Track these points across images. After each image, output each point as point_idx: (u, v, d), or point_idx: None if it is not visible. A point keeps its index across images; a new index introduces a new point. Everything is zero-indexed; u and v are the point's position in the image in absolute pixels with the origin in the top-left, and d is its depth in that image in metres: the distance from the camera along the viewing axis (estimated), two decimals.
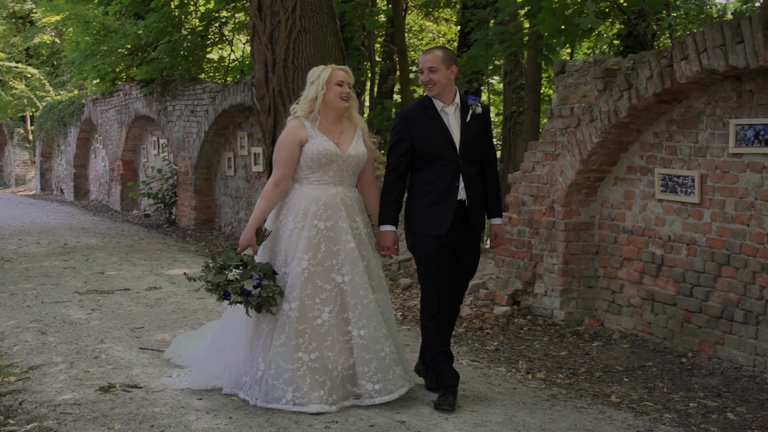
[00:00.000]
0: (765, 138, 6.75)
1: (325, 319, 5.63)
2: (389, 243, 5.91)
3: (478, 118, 5.92)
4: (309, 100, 5.82)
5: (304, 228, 5.69)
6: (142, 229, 17.53)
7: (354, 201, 5.88)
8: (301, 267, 5.65)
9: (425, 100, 5.90)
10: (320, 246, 5.68)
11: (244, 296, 5.52)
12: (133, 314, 8.73)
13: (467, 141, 5.83)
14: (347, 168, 5.83)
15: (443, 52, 5.90)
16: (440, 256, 5.80)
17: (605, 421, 5.70)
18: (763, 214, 6.82)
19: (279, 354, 5.58)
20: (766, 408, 6.09)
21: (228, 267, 5.55)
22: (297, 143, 5.75)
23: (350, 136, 5.89)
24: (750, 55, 6.43)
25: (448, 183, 5.78)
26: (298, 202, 5.76)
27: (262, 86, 13.13)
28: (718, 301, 7.22)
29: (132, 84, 19.97)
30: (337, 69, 5.88)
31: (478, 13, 15.77)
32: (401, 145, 5.83)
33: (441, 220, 5.76)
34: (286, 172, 5.76)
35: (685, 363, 7.24)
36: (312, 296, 5.64)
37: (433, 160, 5.79)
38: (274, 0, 12.78)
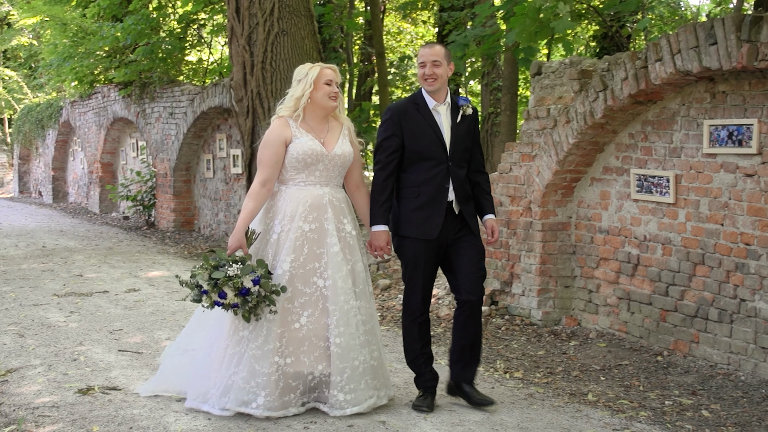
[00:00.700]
0: (738, 138, 6.80)
1: (302, 323, 5.49)
2: (382, 243, 5.74)
3: (468, 119, 5.82)
4: (295, 99, 5.66)
5: (291, 231, 5.55)
6: (121, 231, 17.45)
7: (342, 202, 5.74)
8: (282, 269, 5.50)
9: (417, 97, 5.77)
10: (303, 248, 5.53)
11: (242, 296, 5.29)
12: (112, 316, 8.68)
13: (457, 142, 5.73)
14: (333, 168, 5.69)
15: (444, 48, 5.78)
16: (427, 261, 5.70)
17: (582, 420, 5.73)
18: (737, 213, 6.87)
19: (254, 357, 5.42)
20: (740, 405, 6.13)
21: (225, 265, 5.36)
22: (282, 143, 5.60)
23: (336, 135, 5.75)
24: (723, 56, 6.47)
25: (438, 184, 5.66)
26: (284, 205, 5.61)
27: (241, 88, 13.12)
28: (693, 300, 7.26)
29: (110, 86, 19.87)
30: (326, 68, 5.72)
31: (455, 15, 15.80)
32: (391, 141, 5.69)
33: (431, 223, 5.64)
34: (272, 172, 5.60)
35: (661, 361, 7.28)
36: (291, 299, 5.49)
37: (421, 159, 5.67)
38: (252, 2, 12.78)
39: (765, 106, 6.60)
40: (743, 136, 6.76)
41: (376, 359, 5.67)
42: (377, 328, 5.80)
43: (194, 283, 5.38)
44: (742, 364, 6.82)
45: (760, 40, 6.19)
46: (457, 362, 5.83)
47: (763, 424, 5.75)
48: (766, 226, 6.63)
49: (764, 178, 6.64)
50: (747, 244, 6.79)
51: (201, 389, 5.60)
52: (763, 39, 6.16)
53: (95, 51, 19.04)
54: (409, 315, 5.80)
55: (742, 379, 6.68)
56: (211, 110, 15.75)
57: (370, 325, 5.68)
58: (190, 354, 5.86)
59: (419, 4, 20.41)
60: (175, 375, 5.90)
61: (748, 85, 6.71)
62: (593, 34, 17.31)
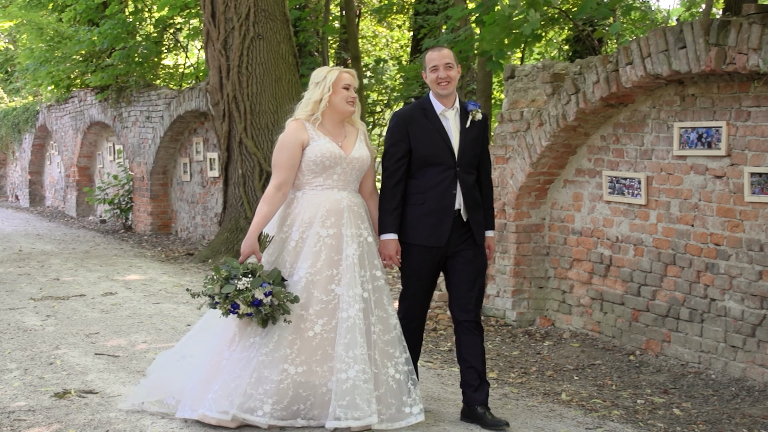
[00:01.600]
0: (707, 141, 6.85)
1: (317, 331, 5.20)
2: (392, 252, 5.47)
3: (477, 124, 5.57)
4: (313, 102, 5.42)
5: (308, 237, 5.31)
6: (98, 234, 17.33)
7: (360, 207, 5.48)
8: (298, 275, 5.27)
9: (425, 102, 5.57)
10: (320, 254, 5.28)
11: (255, 306, 5.09)
12: (89, 320, 8.62)
13: (466, 147, 5.50)
14: (351, 171, 5.45)
15: (451, 51, 5.57)
16: (429, 270, 5.52)
17: (555, 419, 5.74)
18: (707, 214, 6.92)
19: (263, 363, 5.15)
20: (710, 403, 6.18)
21: (235, 277, 5.14)
22: (298, 145, 5.37)
23: (353, 139, 5.52)
24: (692, 60, 6.52)
25: (445, 190, 5.44)
26: (302, 211, 5.37)
27: (217, 92, 13.09)
28: (664, 300, 7.31)
29: (87, 90, 19.75)
30: (344, 72, 5.49)
31: (430, 20, 15.83)
32: (398, 147, 5.48)
33: (438, 230, 5.44)
34: (288, 176, 5.37)
35: (633, 361, 7.31)
36: (306, 306, 5.22)
37: (429, 165, 5.45)
38: (228, 7, 12.75)
39: (733, 109, 6.66)
40: (712, 139, 6.81)
41: (401, 372, 5.28)
42: (400, 340, 5.35)
43: (207, 295, 5.22)
44: (712, 362, 6.86)
45: (727, 44, 6.24)
46: (466, 386, 5.54)
47: (733, 421, 5.79)
48: (735, 226, 6.68)
49: (733, 180, 6.69)
50: (717, 245, 6.84)
51: (199, 395, 5.29)
52: (731, 43, 6.21)
53: (72, 55, 18.92)
54: (403, 317, 5.54)
55: (713, 377, 6.73)
56: (188, 114, 15.70)
57: (391, 336, 5.32)
58: (188, 361, 5.58)
59: (394, 8, 20.43)
60: (170, 381, 5.60)
61: (717, 88, 6.76)
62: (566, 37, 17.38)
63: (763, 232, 6.49)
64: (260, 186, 12.72)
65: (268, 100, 12.81)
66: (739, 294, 6.67)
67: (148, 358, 7.09)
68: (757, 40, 6.03)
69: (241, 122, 12.81)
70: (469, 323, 5.50)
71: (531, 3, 9.25)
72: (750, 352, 6.58)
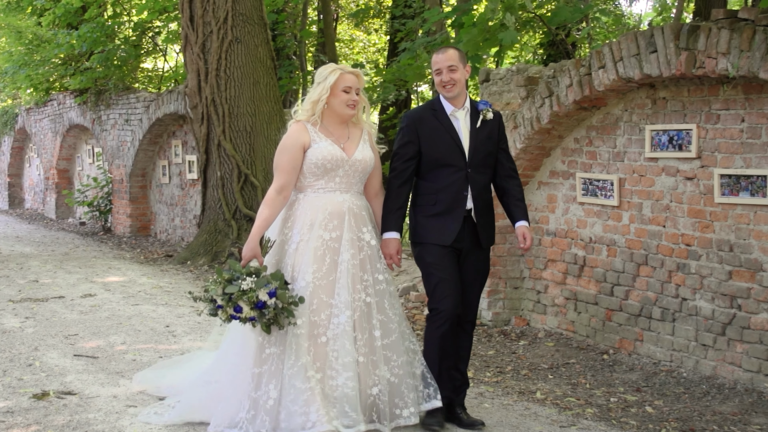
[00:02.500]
0: (678, 143, 6.89)
1: (330, 336, 5.09)
2: (392, 251, 5.34)
3: (489, 123, 5.46)
4: (311, 103, 5.27)
5: (311, 240, 5.17)
6: (78, 237, 17.22)
7: (362, 210, 5.34)
8: (305, 281, 5.12)
9: (435, 103, 5.47)
10: (325, 258, 5.15)
11: (258, 309, 4.92)
12: (68, 321, 8.56)
13: (477, 148, 5.38)
14: (354, 174, 5.29)
15: (457, 51, 5.44)
16: (446, 263, 5.33)
17: (530, 417, 5.76)
18: (678, 215, 6.96)
19: (292, 375, 5.01)
20: (682, 401, 6.21)
21: (239, 278, 4.97)
22: (300, 147, 5.21)
23: (356, 140, 5.34)
24: (663, 64, 6.56)
25: (456, 191, 5.34)
26: (303, 213, 5.24)
27: (195, 95, 13.05)
28: (637, 300, 7.35)
29: (66, 93, 19.63)
30: (347, 73, 5.27)
31: (407, 23, 15.84)
32: (408, 148, 5.37)
33: (447, 229, 5.33)
34: (289, 178, 5.22)
35: (607, 359, 7.35)
36: (317, 312, 5.10)
37: (439, 166, 5.35)
38: (206, 11, 12.73)
39: (703, 112, 6.70)
40: (683, 141, 6.86)
41: (397, 376, 5.19)
42: (398, 344, 5.24)
43: (208, 298, 5.04)
44: (684, 361, 6.91)
45: (697, 48, 6.28)
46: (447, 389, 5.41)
47: (704, 418, 5.83)
48: (705, 227, 6.73)
49: (703, 181, 6.74)
50: (688, 245, 6.89)
51: (227, 416, 5.14)
52: (701, 47, 6.26)
53: (50, 58, 18.81)
54: (435, 322, 5.30)
55: (684, 375, 6.77)
56: (167, 117, 15.64)
57: (391, 340, 5.20)
58: (214, 386, 5.37)
59: (371, 12, 20.45)
60: (200, 409, 5.37)
61: (687, 91, 6.81)
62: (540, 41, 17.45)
63: (732, 232, 6.55)
64: (238, 188, 12.70)
65: (246, 103, 12.78)
66: (710, 293, 6.71)
67: (126, 359, 7.06)
68: (726, 44, 6.08)
69: (220, 125, 12.77)
70: (466, 324, 5.48)
71: (508, 7, 9.29)
72: (720, 351, 6.63)
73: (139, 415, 5.52)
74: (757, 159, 6.35)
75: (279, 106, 13.32)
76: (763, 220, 6.33)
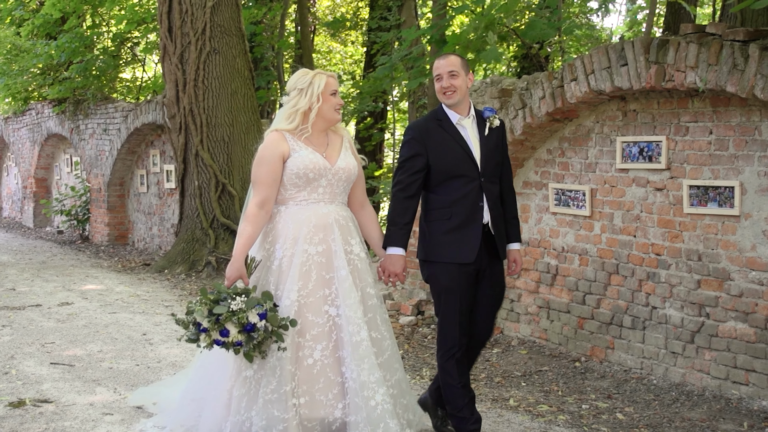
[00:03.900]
0: (648, 154, 6.95)
1: (316, 358, 4.73)
2: (398, 269, 4.99)
3: (496, 131, 5.17)
4: (301, 113, 4.91)
5: (295, 255, 4.82)
6: (55, 245, 17.09)
7: (348, 221, 5.01)
8: (290, 299, 4.76)
9: (439, 112, 5.11)
10: (311, 274, 4.80)
11: (246, 332, 4.55)
12: (45, 329, 8.49)
13: (488, 156, 5.06)
14: (338, 183, 4.96)
15: (460, 57, 5.14)
16: (463, 288, 4.99)
17: (503, 424, 5.77)
18: (648, 225, 7.01)
19: (270, 402, 4.69)
20: (652, 408, 6.25)
21: (226, 298, 4.61)
22: (278, 158, 4.86)
23: (337, 148, 5.01)
24: (633, 77, 6.62)
25: (472, 203, 4.99)
26: (285, 227, 4.89)
27: (173, 105, 13.01)
28: (608, 308, 7.38)
29: (44, 103, 19.50)
30: (330, 76, 4.97)
31: (382, 36, 15.88)
32: (416, 161, 4.98)
33: (466, 245, 4.96)
34: (270, 192, 4.86)
35: (579, 367, 7.37)
36: (302, 332, 4.74)
37: (450, 178, 4.99)
38: (184, 22, 12.70)
39: (672, 124, 6.76)
40: (653, 152, 6.91)
41: (391, 396, 4.85)
42: (395, 362, 4.99)
43: (191, 321, 4.65)
44: (654, 368, 6.95)
45: (666, 61, 6.34)
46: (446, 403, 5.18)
47: (673, 425, 5.87)
48: (675, 237, 6.78)
49: (673, 192, 6.79)
50: (657, 255, 6.93)
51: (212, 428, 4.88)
52: (670, 61, 6.31)
53: (29, 68, 18.69)
54: (446, 352, 5.05)
55: (654, 382, 6.81)
56: (145, 126, 15.57)
57: (384, 358, 4.90)
58: (198, 403, 5.11)
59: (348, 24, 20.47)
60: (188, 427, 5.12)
61: (657, 104, 6.86)
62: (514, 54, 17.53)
63: (701, 242, 6.60)
64: (216, 197, 12.67)
65: (224, 113, 12.76)
66: (679, 302, 6.76)
67: (103, 367, 7.01)
68: (694, 58, 6.14)
69: (198, 135, 12.73)
70: (483, 342, 5.27)
71: (489, 25, 9.34)
72: (689, 358, 6.68)
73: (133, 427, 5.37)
74: (725, 170, 6.40)
75: (256, 116, 13.32)
76: (730, 230, 6.39)
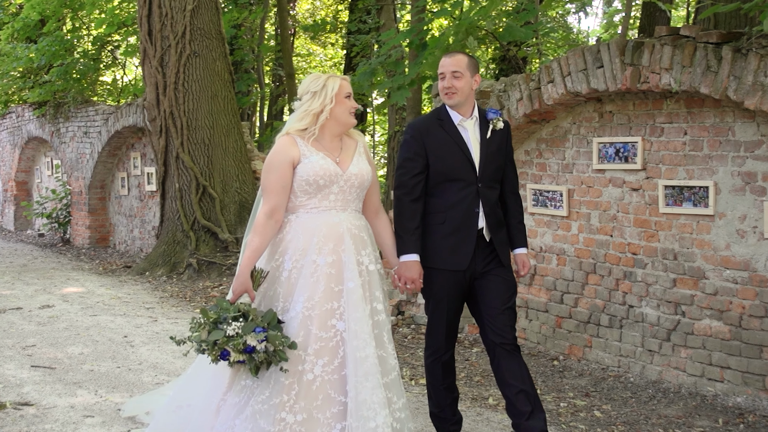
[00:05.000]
0: (624, 155, 6.98)
1: (317, 373, 4.43)
2: (414, 275, 4.78)
3: (498, 134, 4.96)
4: (313, 115, 4.64)
5: (303, 266, 4.55)
6: (36, 248, 16.98)
7: (362, 231, 4.70)
8: (295, 310, 4.51)
9: (441, 112, 4.93)
10: (318, 285, 4.51)
11: (247, 354, 4.36)
12: (25, 332, 8.43)
13: (487, 160, 4.87)
14: (351, 190, 4.67)
15: (468, 57, 4.93)
16: (452, 295, 4.87)
17: (483, 423, 5.78)
18: (624, 225, 7.04)
19: (259, 412, 4.44)
20: (629, 405, 6.27)
21: (225, 320, 4.39)
22: (288, 164, 4.58)
23: (351, 152, 4.75)
24: (609, 78, 6.65)
25: (467, 208, 4.82)
26: (295, 237, 4.60)
27: (154, 108, 12.97)
28: (585, 307, 7.41)
29: (24, 106, 19.38)
30: (343, 79, 4.76)
31: (361, 39, 15.88)
32: (415, 162, 4.81)
33: (460, 252, 4.81)
34: (280, 200, 4.58)
35: (557, 365, 7.40)
36: (303, 345, 4.45)
37: (447, 181, 4.83)
38: (164, 25, 12.67)
39: (648, 125, 6.79)
40: (629, 153, 6.94)
41: (398, 421, 4.59)
42: (398, 384, 4.67)
43: (191, 346, 4.49)
44: (631, 366, 6.98)
45: (641, 63, 6.37)
46: (517, 414, 4.86)
47: (650, 422, 5.89)
48: (651, 236, 6.81)
49: (648, 192, 6.83)
50: (634, 254, 6.96)
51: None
52: (645, 63, 6.35)
53: (9, 71, 18.58)
54: (432, 353, 4.99)
55: (631, 380, 6.84)
56: (126, 129, 15.50)
57: (390, 378, 4.60)
58: (185, 410, 4.88)
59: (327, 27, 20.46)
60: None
61: (633, 105, 6.90)
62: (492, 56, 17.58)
63: (676, 241, 6.63)
64: (197, 200, 12.63)
65: (204, 116, 12.73)
66: (655, 301, 6.79)
67: (84, 369, 6.96)
68: (669, 60, 6.17)
69: (178, 137, 12.69)
70: (508, 345, 4.87)
71: (469, 30, 9.36)
72: (665, 356, 6.71)
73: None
74: (699, 171, 6.44)
75: (237, 119, 13.30)
76: (705, 230, 6.43)
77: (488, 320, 4.88)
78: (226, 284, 11.39)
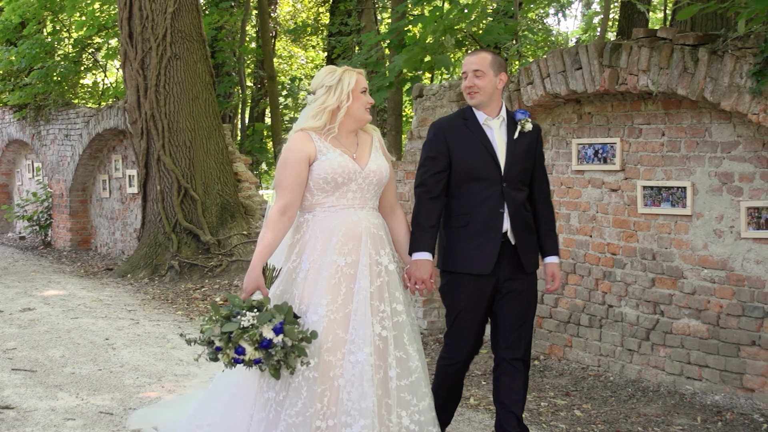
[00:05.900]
0: (603, 156, 7.00)
1: (347, 378, 4.30)
2: (425, 274, 4.60)
3: (527, 136, 4.77)
4: (330, 111, 4.46)
5: (323, 267, 4.39)
6: (17, 251, 16.86)
7: (380, 229, 4.55)
8: (318, 314, 4.32)
9: (466, 111, 4.76)
10: (340, 287, 4.36)
11: (264, 349, 4.12)
12: (6, 335, 8.37)
13: (513, 161, 4.68)
14: (369, 187, 4.52)
15: (492, 55, 4.75)
16: (479, 302, 4.70)
17: (464, 423, 5.78)
18: (604, 225, 7.07)
19: (294, 425, 4.24)
20: (609, 404, 6.29)
21: (238, 314, 4.19)
22: (304, 160, 4.42)
23: (368, 148, 4.58)
24: (588, 80, 6.67)
25: (491, 209, 4.63)
26: (313, 237, 4.45)
27: (135, 110, 12.91)
28: (565, 307, 7.43)
29: (5, 109, 19.24)
30: (359, 73, 4.55)
31: (342, 41, 15.88)
32: (437, 161, 4.66)
33: (484, 255, 4.62)
34: (294, 197, 4.42)
35: (538, 365, 7.41)
36: (332, 350, 4.29)
37: (471, 180, 4.65)
38: (145, 27, 12.62)
39: (626, 126, 6.82)
40: (608, 154, 6.97)
41: (417, 423, 4.40)
42: (420, 386, 4.47)
43: (205, 340, 4.23)
44: (610, 365, 7.00)
45: (619, 65, 6.40)
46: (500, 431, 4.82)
47: (630, 420, 5.92)
48: (629, 236, 6.84)
49: (627, 193, 6.85)
50: (613, 254, 6.99)
51: None
52: (623, 64, 6.37)
53: None
54: (448, 359, 4.84)
55: (611, 379, 6.86)
56: (107, 132, 15.42)
57: (411, 380, 4.44)
58: (206, 429, 4.64)
59: (308, 29, 20.45)
60: None
61: (611, 106, 6.92)
62: None
63: (655, 241, 6.66)
64: (178, 202, 12.59)
65: (186, 118, 12.68)
66: (634, 300, 6.82)
67: (65, 372, 6.92)
68: (646, 62, 6.20)
69: (159, 140, 12.64)
70: (515, 362, 4.73)
71: (447, 29, 9.38)
72: (645, 355, 6.74)
73: None
74: (677, 171, 6.47)
75: (218, 121, 13.26)
76: (683, 230, 6.46)
77: (502, 333, 4.75)
78: (208, 286, 11.36)
